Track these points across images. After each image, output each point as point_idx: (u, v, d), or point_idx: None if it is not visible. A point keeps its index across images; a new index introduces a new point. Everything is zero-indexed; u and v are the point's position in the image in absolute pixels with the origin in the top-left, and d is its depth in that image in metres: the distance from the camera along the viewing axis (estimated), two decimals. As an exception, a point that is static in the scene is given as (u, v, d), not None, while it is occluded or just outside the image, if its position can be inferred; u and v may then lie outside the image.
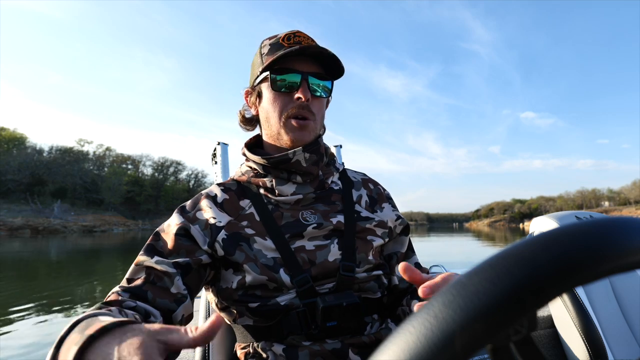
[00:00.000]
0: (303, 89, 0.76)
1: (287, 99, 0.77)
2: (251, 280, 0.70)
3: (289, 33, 0.78)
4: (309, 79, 0.77)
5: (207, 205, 0.77)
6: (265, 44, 0.80)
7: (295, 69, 0.76)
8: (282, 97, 0.78)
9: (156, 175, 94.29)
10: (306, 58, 0.78)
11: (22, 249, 21.62)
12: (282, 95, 0.78)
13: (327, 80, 0.80)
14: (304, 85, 0.76)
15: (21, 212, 55.58)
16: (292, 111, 0.77)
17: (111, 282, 8.95)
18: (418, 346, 0.17)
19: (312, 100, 0.78)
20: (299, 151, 0.78)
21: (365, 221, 0.81)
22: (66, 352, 0.42)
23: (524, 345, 0.22)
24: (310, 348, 0.68)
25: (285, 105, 0.77)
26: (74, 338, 0.43)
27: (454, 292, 0.19)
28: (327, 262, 0.74)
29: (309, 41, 0.79)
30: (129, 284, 0.65)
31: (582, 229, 0.19)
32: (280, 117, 0.78)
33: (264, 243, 0.73)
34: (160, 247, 0.71)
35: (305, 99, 0.75)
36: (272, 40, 0.79)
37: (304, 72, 0.76)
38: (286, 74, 0.76)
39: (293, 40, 0.77)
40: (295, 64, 0.77)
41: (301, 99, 0.76)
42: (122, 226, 66.19)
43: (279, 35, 0.79)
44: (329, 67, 0.80)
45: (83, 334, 0.42)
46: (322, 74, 0.79)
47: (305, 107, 0.77)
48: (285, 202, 0.79)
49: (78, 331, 0.44)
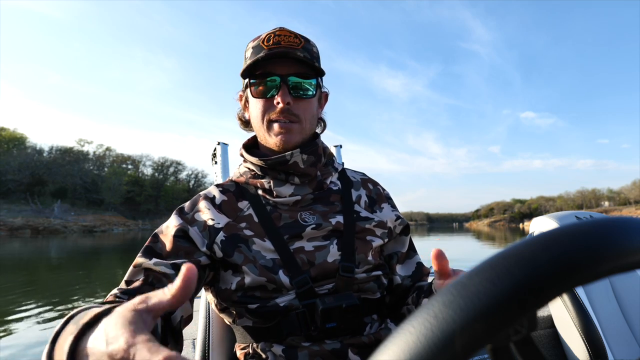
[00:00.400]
0: (282, 93, 0.75)
1: (267, 103, 0.77)
2: (250, 282, 0.70)
3: (269, 33, 0.76)
4: (289, 81, 0.75)
5: (206, 207, 0.77)
6: (248, 47, 0.79)
7: (274, 72, 0.75)
8: (262, 102, 0.77)
9: (156, 175, 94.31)
10: (286, 59, 0.76)
11: (23, 249, 21.63)
12: (263, 100, 0.77)
13: (311, 79, 0.78)
14: (284, 88, 0.75)
15: (21, 212, 55.58)
16: (273, 116, 0.76)
17: (111, 281, 8.96)
18: (418, 346, 0.17)
19: (295, 101, 0.76)
20: (296, 152, 0.77)
21: (364, 221, 0.81)
22: (62, 344, 0.42)
23: (524, 345, 0.22)
24: (309, 348, 0.68)
25: (265, 110, 0.77)
26: (70, 329, 0.43)
27: (454, 292, 0.19)
28: (326, 262, 0.73)
29: (290, 39, 0.76)
30: (127, 286, 0.65)
31: (582, 229, 0.19)
32: (263, 122, 0.78)
33: (262, 244, 0.73)
34: (158, 249, 0.71)
35: (284, 104, 0.74)
36: (255, 42, 0.78)
37: (283, 75, 0.75)
38: (265, 77, 0.76)
39: (273, 41, 0.75)
40: (275, 66, 0.76)
41: (280, 104, 0.75)
42: (122, 226, 66.18)
43: (261, 37, 0.77)
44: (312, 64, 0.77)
45: (77, 324, 0.42)
46: (305, 72, 0.77)
47: (286, 111, 0.76)
48: (283, 203, 0.79)
49: (73, 323, 0.44)
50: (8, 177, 65.67)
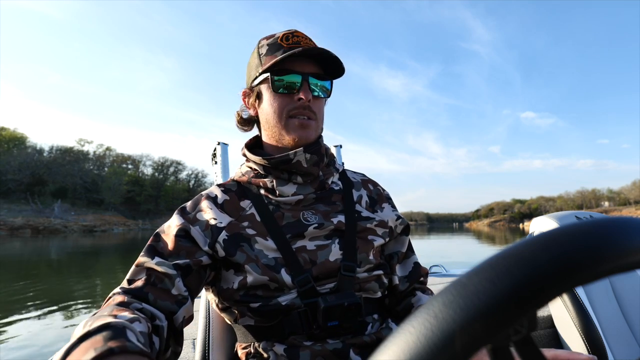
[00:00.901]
0: (304, 90, 0.76)
1: (287, 99, 0.78)
2: (252, 281, 0.70)
3: (286, 33, 0.78)
4: (309, 80, 0.77)
5: (208, 207, 0.77)
6: (262, 44, 0.80)
7: (295, 70, 0.77)
8: (282, 97, 0.78)
9: (156, 175, 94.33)
10: (306, 59, 0.78)
11: (23, 249, 21.63)
12: (282, 96, 0.78)
13: (327, 81, 0.81)
14: (305, 86, 0.77)
15: (22, 212, 55.60)
16: (293, 112, 0.78)
17: (112, 281, 8.96)
18: (418, 346, 0.17)
19: (313, 100, 0.78)
20: (299, 152, 0.78)
21: (366, 221, 0.82)
22: (84, 351, 0.42)
23: (524, 345, 0.22)
24: (311, 348, 0.68)
25: (286, 105, 0.78)
26: (97, 341, 0.44)
27: (454, 292, 0.19)
28: (328, 262, 0.74)
29: (307, 41, 0.79)
30: (129, 285, 0.65)
31: (582, 229, 0.19)
32: (281, 118, 0.78)
33: (265, 243, 0.73)
34: (160, 248, 0.71)
35: (306, 100, 0.76)
36: (270, 40, 0.79)
37: (305, 73, 0.77)
38: (286, 74, 0.77)
39: (292, 41, 0.77)
40: (295, 64, 0.77)
41: (303, 100, 0.76)
42: (122, 226, 66.19)
43: (276, 35, 0.79)
44: (328, 67, 0.80)
45: (106, 343, 0.43)
46: (322, 74, 0.80)
47: (307, 108, 0.78)
48: (286, 202, 0.79)
49: (103, 336, 0.45)
50: (8, 177, 65.69)
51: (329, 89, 0.82)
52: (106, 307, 0.59)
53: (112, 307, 0.58)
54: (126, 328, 0.49)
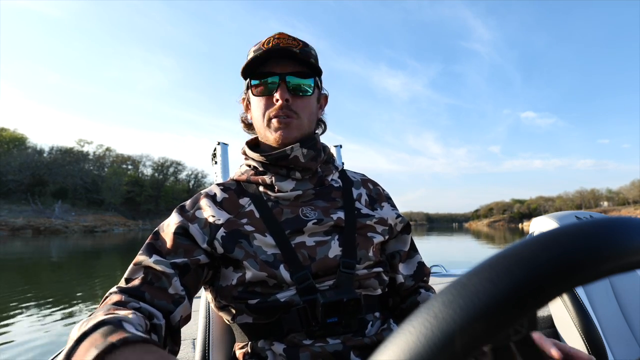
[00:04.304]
0: (281, 90, 0.77)
1: (268, 101, 0.79)
2: (251, 277, 0.70)
3: (269, 37, 0.79)
4: (287, 79, 0.78)
5: (207, 204, 0.78)
6: (250, 51, 0.82)
7: (272, 71, 0.78)
8: (263, 100, 0.80)
9: (156, 175, 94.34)
10: (285, 59, 0.79)
11: (25, 249, 21.64)
12: (263, 99, 0.80)
13: (309, 78, 0.81)
14: (282, 86, 0.78)
15: (22, 212, 55.60)
16: (273, 112, 0.79)
17: (112, 280, 8.96)
18: (418, 346, 0.17)
19: (294, 99, 0.79)
20: (296, 147, 0.79)
21: (365, 218, 0.82)
22: (85, 351, 0.42)
23: (524, 345, 0.22)
24: (311, 349, 0.68)
25: (266, 108, 0.80)
26: (96, 339, 0.43)
27: (454, 292, 0.19)
28: (327, 258, 0.74)
29: (289, 41, 0.79)
30: (127, 284, 0.65)
31: (582, 229, 0.19)
32: (263, 119, 0.80)
33: (263, 239, 0.73)
34: (159, 247, 0.71)
35: (282, 100, 0.77)
36: (256, 46, 0.80)
37: (282, 73, 0.78)
38: (264, 77, 0.79)
39: (272, 43, 0.77)
40: (273, 66, 0.79)
41: (279, 101, 0.77)
42: (122, 226, 66.20)
43: (262, 41, 0.80)
44: (310, 64, 0.80)
45: (106, 339, 0.42)
46: (303, 71, 0.80)
47: (286, 107, 0.78)
48: (284, 198, 0.79)
49: (101, 334, 0.45)
50: (9, 178, 65.71)
51: (312, 86, 0.82)
52: (103, 306, 0.59)
53: (108, 307, 0.58)
54: (122, 321, 0.49)
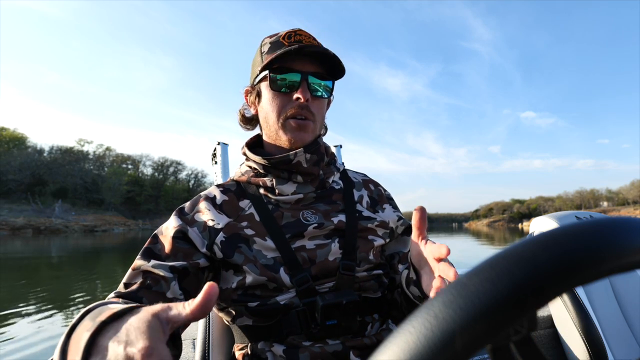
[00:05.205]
0: (303, 89, 0.75)
1: (286, 98, 0.76)
2: (251, 281, 0.70)
3: (290, 31, 0.77)
4: (309, 79, 0.76)
5: (206, 207, 0.77)
6: (265, 42, 0.79)
7: (295, 69, 0.75)
8: (281, 96, 0.77)
9: (156, 175, 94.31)
10: (307, 57, 0.76)
11: (25, 249, 21.64)
12: (281, 95, 0.77)
13: (328, 80, 0.79)
14: (304, 85, 0.75)
15: (22, 212, 55.58)
16: (291, 111, 0.76)
17: (112, 280, 8.96)
18: (418, 346, 0.17)
19: (312, 100, 0.77)
20: (300, 152, 0.77)
21: (366, 221, 0.81)
22: (78, 339, 0.42)
23: (524, 345, 0.22)
24: (310, 350, 0.68)
25: (284, 105, 0.77)
26: (86, 325, 0.43)
27: (454, 292, 0.19)
28: (327, 261, 0.73)
29: (310, 40, 0.77)
30: (125, 289, 0.65)
31: (582, 229, 0.19)
32: (279, 118, 0.77)
33: (263, 243, 0.73)
34: (157, 250, 0.70)
35: (304, 99, 0.75)
36: (273, 38, 0.78)
37: (304, 72, 0.75)
38: (286, 73, 0.75)
39: (294, 39, 0.76)
40: (295, 63, 0.76)
41: (300, 100, 0.75)
42: (122, 226, 66.18)
43: (279, 34, 0.78)
44: (329, 66, 0.78)
45: (94, 320, 0.42)
46: (323, 73, 0.78)
47: (305, 108, 0.76)
48: (285, 201, 0.79)
49: (89, 318, 0.45)
50: (9, 177, 65.69)
51: (331, 88, 0.80)
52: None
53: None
54: (107, 303, 0.49)
